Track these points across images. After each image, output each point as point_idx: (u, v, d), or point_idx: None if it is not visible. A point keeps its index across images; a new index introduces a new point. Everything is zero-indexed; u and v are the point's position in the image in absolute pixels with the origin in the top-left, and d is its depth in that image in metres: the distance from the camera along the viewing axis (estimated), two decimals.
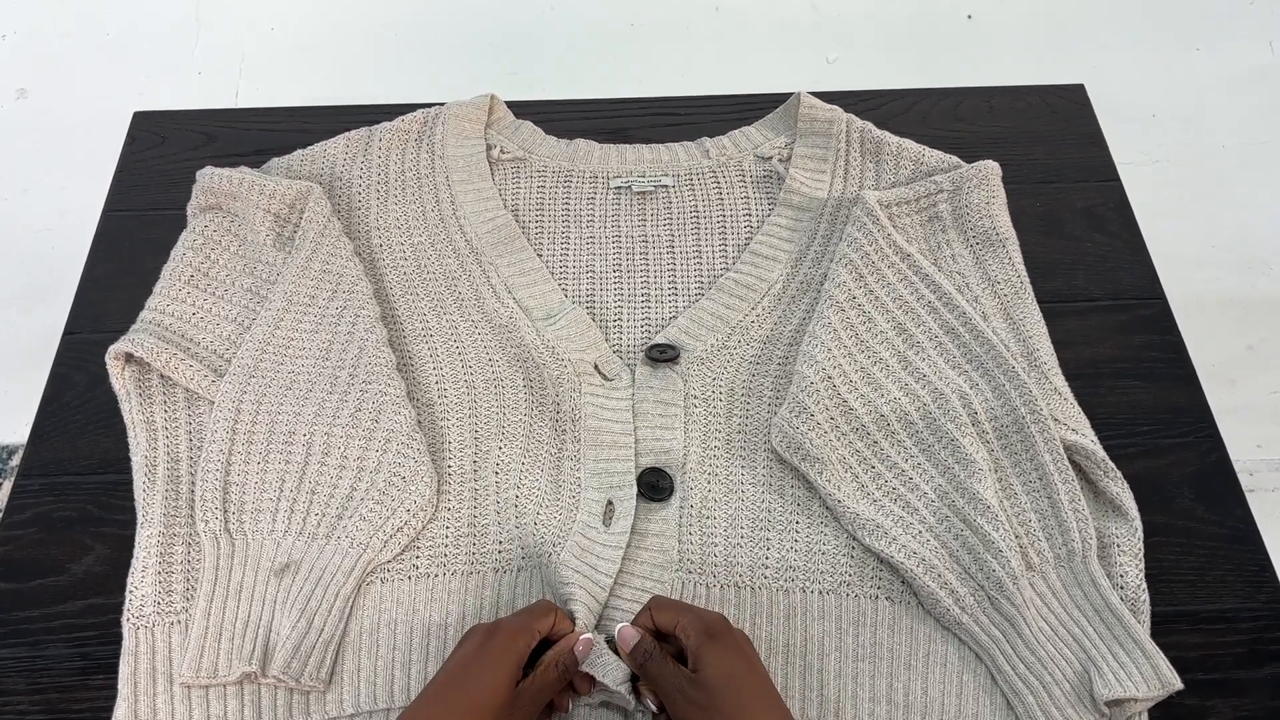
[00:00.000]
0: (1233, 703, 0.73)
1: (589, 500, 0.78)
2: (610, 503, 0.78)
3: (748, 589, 0.75)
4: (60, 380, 0.89)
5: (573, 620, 0.71)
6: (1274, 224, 1.82)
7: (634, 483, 0.78)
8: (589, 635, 0.69)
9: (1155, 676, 0.68)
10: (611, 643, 0.70)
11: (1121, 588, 0.73)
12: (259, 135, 1.06)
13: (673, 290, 0.91)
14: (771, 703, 0.64)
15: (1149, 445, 0.85)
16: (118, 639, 0.73)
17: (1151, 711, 0.71)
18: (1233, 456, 0.85)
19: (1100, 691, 0.67)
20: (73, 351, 0.91)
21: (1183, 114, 1.94)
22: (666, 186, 0.97)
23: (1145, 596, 0.73)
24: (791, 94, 1.00)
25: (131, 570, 0.75)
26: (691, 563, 0.76)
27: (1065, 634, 0.71)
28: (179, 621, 0.73)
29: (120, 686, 0.71)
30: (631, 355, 0.87)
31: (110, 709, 0.71)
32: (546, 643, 0.69)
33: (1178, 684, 0.68)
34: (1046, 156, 1.04)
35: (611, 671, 0.68)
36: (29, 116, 1.96)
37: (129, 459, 0.80)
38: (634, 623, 0.70)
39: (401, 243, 0.93)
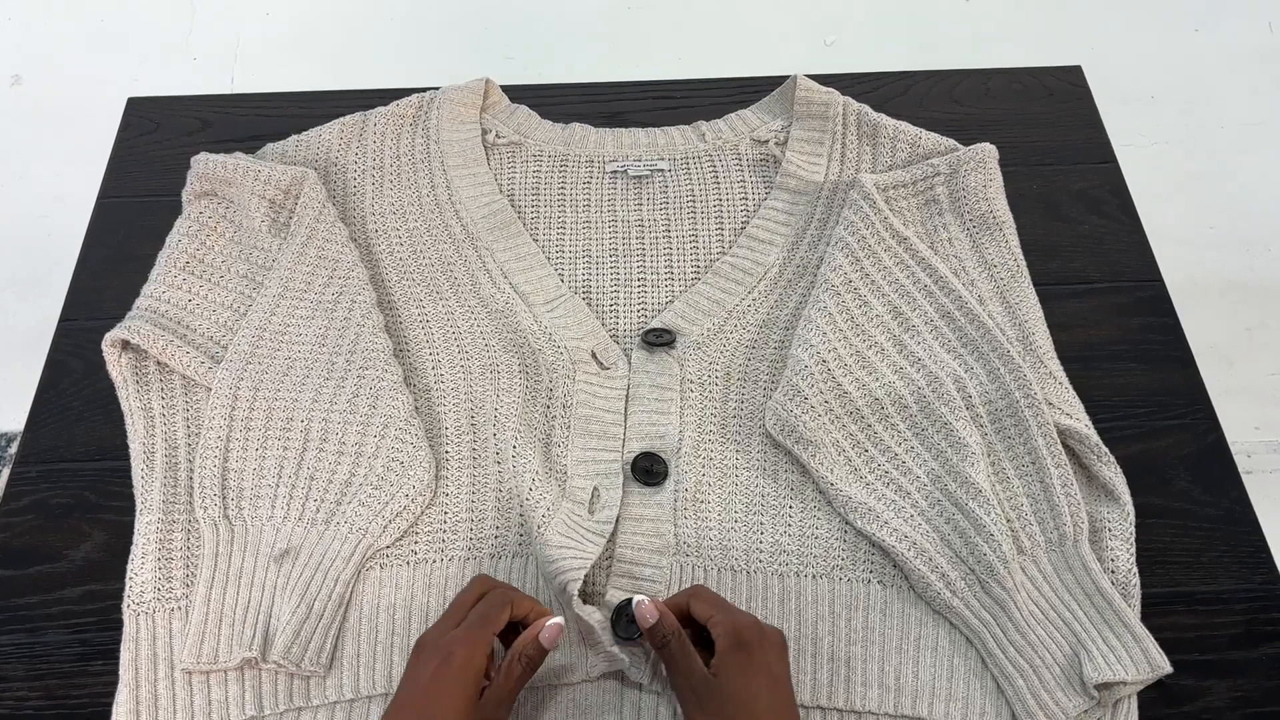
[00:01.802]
0: (1228, 683, 0.73)
1: (575, 488, 0.78)
2: (596, 490, 0.78)
3: (744, 573, 0.75)
4: (57, 367, 0.89)
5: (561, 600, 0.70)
6: (1273, 206, 1.82)
7: (619, 471, 0.78)
8: (558, 620, 0.67)
9: (1145, 660, 0.68)
10: (618, 617, 0.71)
11: (1112, 572, 0.74)
12: (254, 121, 1.05)
13: (669, 275, 0.91)
14: None
15: (1146, 427, 0.85)
16: (116, 625, 0.73)
17: (1148, 692, 0.71)
18: (1230, 438, 0.85)
19: (1090, 675, 0.67)
20: (69, 339, 0.91)
21: (1181, 95, 1.94)
22: (662, 171, 0.96)
23: (1136, 580, 0.73)
24: (788, 77, 1.00)
25: (131, 557, 0.75)
26: (688, 546, 0.76)
27: (1055, 618, 0.71)
28: (179, 608, 0.74)
29: (121, 672, 0.71)
30: (627, 340, 0.87)
31: (109, 695, 0.72)
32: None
33: (1167, 667, 0.68)
34: (1044, 139, 1.04)
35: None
36: (23, 103, 1.95)
37: (126, 446, 0.80)
38: (668, 602, 0.69)
39: (397, 228, 0.92)
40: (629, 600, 0.71)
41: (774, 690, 0.63)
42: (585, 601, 0.72)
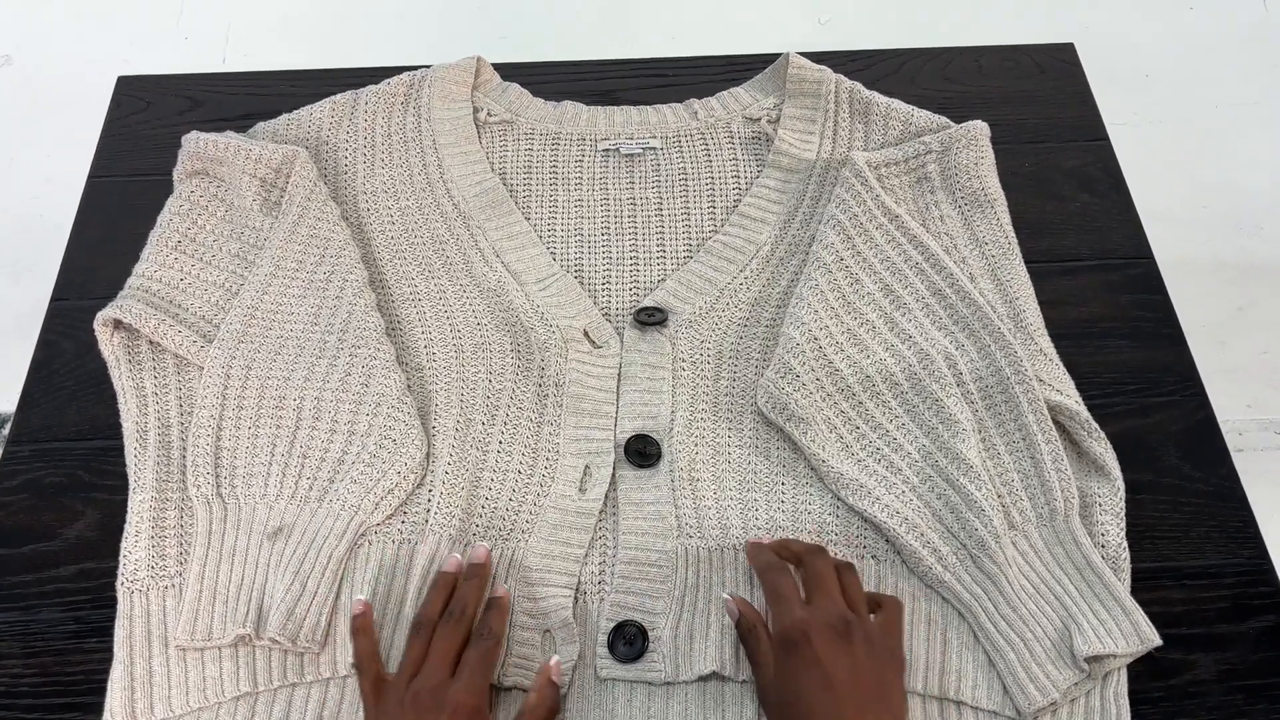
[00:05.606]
0: (1215, 656, 0.74)
1: (566, 468, 0.78)
2: (587, 468, 0.78)
3: (744, 552, 0.75)
4: (49, 347, 0.89)
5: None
6: (1266, 185, 1.82)
7: (612, 450, 0.79)
8: (556, 658, 0.69)
9: (1134, 633, 0.69)
10: (621, 630, 0.71)
11: (1103, 546, 0.74)
12: (245, 100, 1.05)
13: (661, 253, 0.91)
14: None
15: (1136, 404, 0.85)
16: (110, 603, 0.73)
17: (1136, 664, 0.71)
18: (1222, 417, 0.85)
19: (1080, 648, 0.68)
20: (61, 319, 0.90)
21: (1175, 74, 1.93)
22: (654, 149, 0.96)
23: (1126, 555, 0.74)
24: (780, 55, 0.99)
25: (125, 535, 0.75)
26: (690, 528, 0.76)
27: (1046, 592, 0.72)
28: (173, 585, 0.74)
29: (116, 650, 0.72)
30: (619, 319, 0.87)
31: (103, 672, 0.72)
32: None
33: (1156, 640, 0.69)
34: (1036, 116, 1.03)
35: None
36: (13, 83, 1.94)
37: (118, 425, 0.80)
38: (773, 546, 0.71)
39: (389, 207, 0.92)
40: (625, 623, 0.71)
41: (825, 690, 0.60)
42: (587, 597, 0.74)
